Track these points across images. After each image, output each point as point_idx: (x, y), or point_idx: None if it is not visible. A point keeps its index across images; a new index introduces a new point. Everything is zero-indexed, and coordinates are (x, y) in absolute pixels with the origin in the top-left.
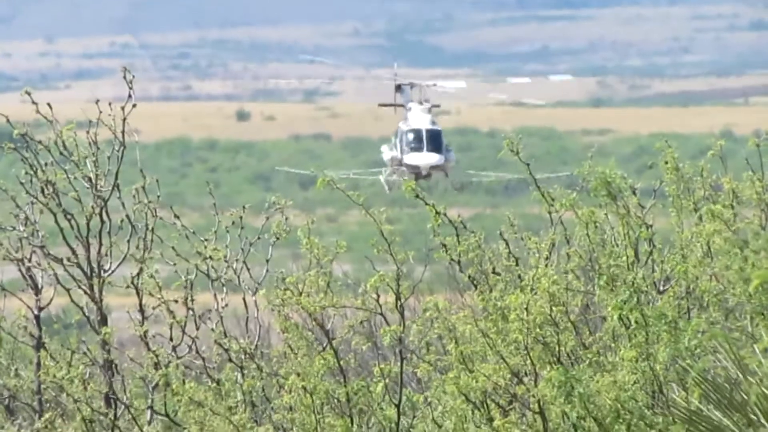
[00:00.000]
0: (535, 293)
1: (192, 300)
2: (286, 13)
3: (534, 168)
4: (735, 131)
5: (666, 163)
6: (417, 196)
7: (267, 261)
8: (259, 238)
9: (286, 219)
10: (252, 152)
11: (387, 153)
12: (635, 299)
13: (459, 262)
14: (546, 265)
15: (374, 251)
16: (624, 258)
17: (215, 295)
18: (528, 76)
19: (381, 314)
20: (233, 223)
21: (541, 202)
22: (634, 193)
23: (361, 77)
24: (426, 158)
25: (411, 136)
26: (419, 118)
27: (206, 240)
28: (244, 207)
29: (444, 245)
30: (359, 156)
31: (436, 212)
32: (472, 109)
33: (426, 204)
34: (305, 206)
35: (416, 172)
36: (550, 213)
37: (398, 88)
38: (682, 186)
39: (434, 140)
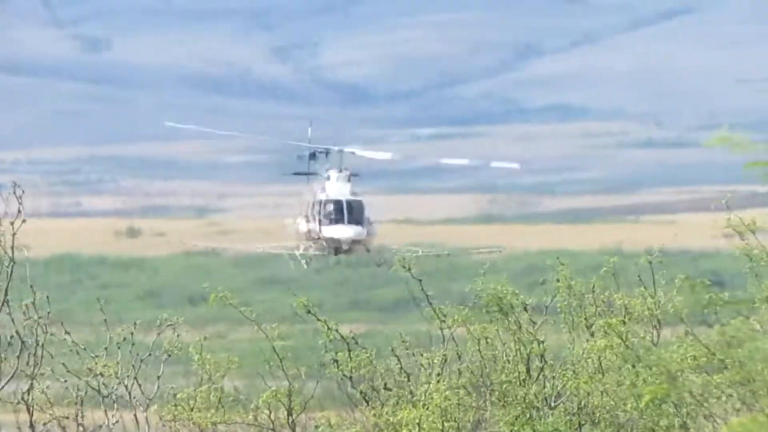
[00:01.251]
0: (427, 409)
1: (83, 416)
2: (177, 129)
3: (425, 285)
4: (626, 248)
5: (558, 279)
6: (309, 311)
7: (158, 377)
8: (150, 354)
9: (178, 335)
10: (143, 268)
11: (303, 225)
12: (527, 415)
13: (351, 378)
14: (438, 381)
15: (266, 367)
16: (516, 374)
17: (106, 411)
18: (420, 193)
19: (273, 430)
20: (124, 339)
21: (432, 318)
22: (525, 309)
23: (252, 193)
24: (347, 231)
25: (330, 207)
26: (338, 188)
27: (97, 356)
28: (135, 323)
29: (336, 361)
30: (250, 272)
31: (328, 328)
32: None
33: (318, 320)
34: (196, 323)
35: (336, 246)
36: (441, 329)
37: (313, 155)
38: (574, 302)
39: (356, 212)
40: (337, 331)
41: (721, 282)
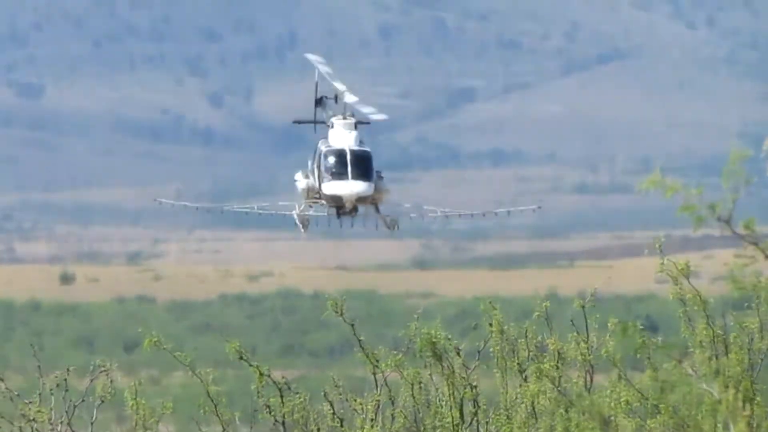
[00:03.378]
0: None
1: None
2: (110, 175)
3: (357, 330)
4: (559, 293)
5: (490, 324)
6: (241, 357)
7: (92, 423)
8: (83, 400)
9: (111, 381)
10: (76, 314)
11: (302, 181)
12: None
13: (284, 423)
14: (371, 426)
15: (200, 411)
16: (449, 418)
17: None
18: (353, 238)
19: None
20: (57, 385)
21: (365, 363)
22: (458, 354)
23: (185, 239)
24: (351, 187)
25: (332, 159)
26: (342, 137)
27: (30, 402)
28: (68, 369)
29: (268, 406)
30: (184, 319)
31: (261, 373)
32: (296, 271)
33: (250, 365)
34: (130, 368)
35: (338, 206)
36: (374, 374)
37: (319, 101)
38: (507, 347)
39: (361, 164)
40: (269, 376)
41: (655, 326)
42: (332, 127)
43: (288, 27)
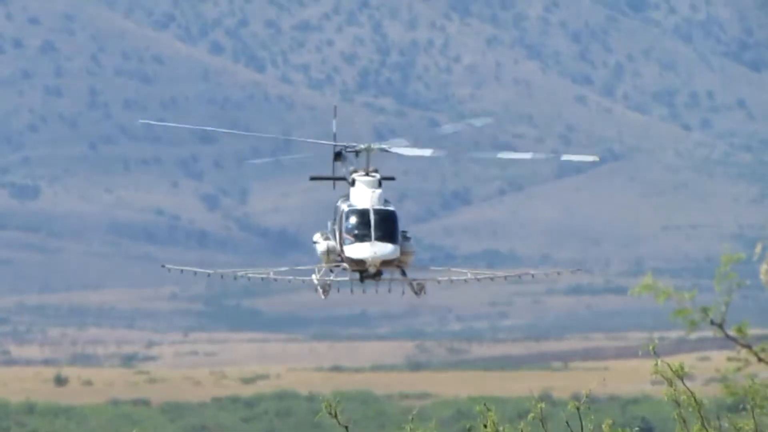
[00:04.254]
0: None
1: None
2: (105, 277)
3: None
4: (554, 394)
5: (485, 426)
6: None
7: None
8: None
9: None
10: (71, 416)
11: (321, 243)
12: None
13: None
14: None
15: None
16: None
17: None
18: (348, 339)
19: None
20: None
21: None
22: None
23: (179, 341)
24: (374, 249)
25: (354, 219)
26: (365, 195)
27: None
28: None
29: None
30: (179, 420)
31: None
32: (291, 373)
33: None
34: None
35: (361, 270)
36: None
37: (338, 155)
38: None
39: (386, 224)
40: None
41: (650, 428)
42: (353, 184)
43: (282, 129)
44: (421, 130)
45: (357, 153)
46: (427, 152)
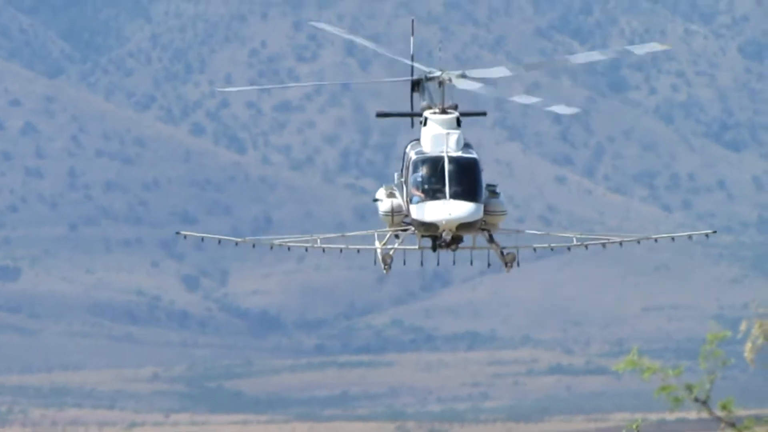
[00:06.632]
0: None
1: None
2: (85, 358)
3: None
4: None
5: None
6: None
7: None
8: None
9: None
10: None
11: (385, 201)
12: None
13: None
14: None
15: None
16: None
17: None
18: (327, 420)
19: None
20: None
21: None
22: None
23: (161, 422)
24: (449, 210)
25: (424, 170)
26: (438, 138)
27: None
28: None
29: None
30: None
31: None
32: None
33: None
34: None
35: (434, 235)
36: None
37: (416, 85)
38: None
39: (465, 176)
40: None
41: None
42: (425, 123)
43: (263, 210)
44: None
45: (440, 83)
46: (501, 72)
